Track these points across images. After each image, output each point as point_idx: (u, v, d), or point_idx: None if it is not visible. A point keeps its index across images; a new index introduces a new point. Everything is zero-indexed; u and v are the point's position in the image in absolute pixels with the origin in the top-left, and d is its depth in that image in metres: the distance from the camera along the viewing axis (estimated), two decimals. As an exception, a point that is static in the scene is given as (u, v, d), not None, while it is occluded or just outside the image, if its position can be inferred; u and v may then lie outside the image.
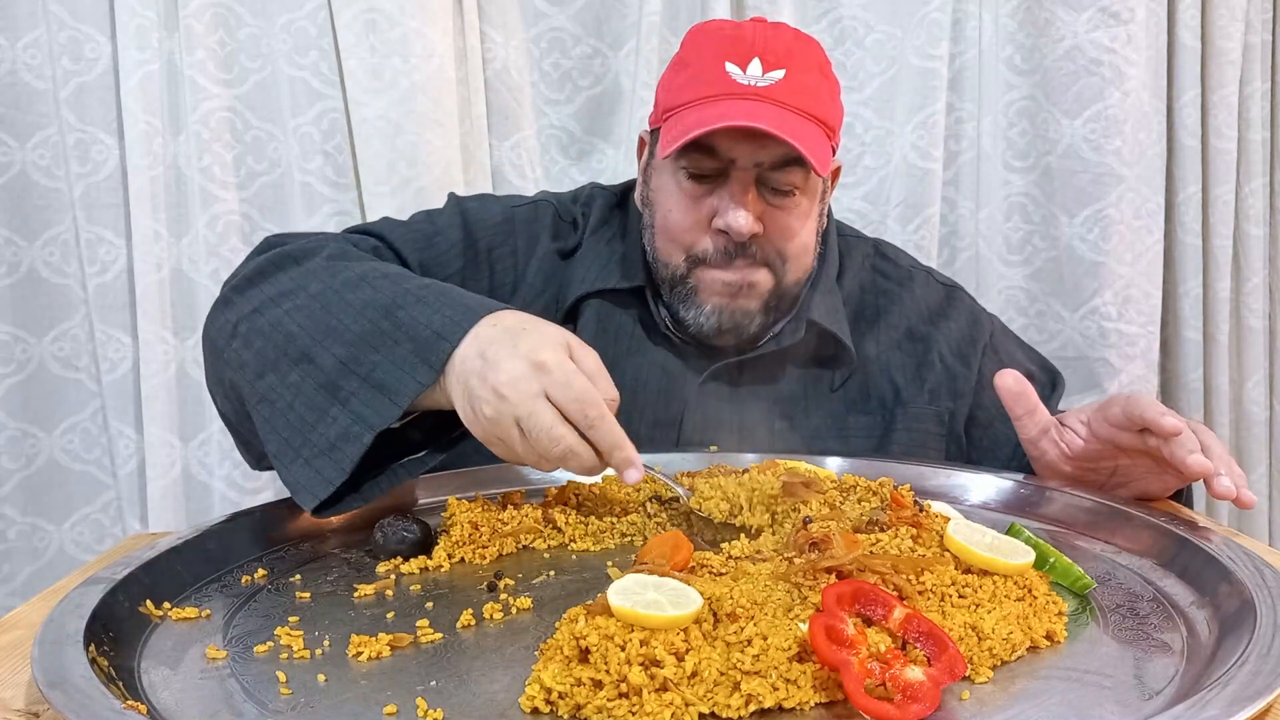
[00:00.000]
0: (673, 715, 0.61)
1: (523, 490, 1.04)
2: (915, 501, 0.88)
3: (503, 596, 0.82)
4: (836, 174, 1.32)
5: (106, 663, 0.69)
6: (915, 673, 0.62)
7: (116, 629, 0.74)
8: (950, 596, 0.73)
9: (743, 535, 0.90)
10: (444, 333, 0.92)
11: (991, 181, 1.90)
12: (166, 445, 1.77)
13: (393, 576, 0.88)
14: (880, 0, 1.84)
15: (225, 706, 0.66)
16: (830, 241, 1.33)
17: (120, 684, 0.67)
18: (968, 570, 0.76)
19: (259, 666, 0.71)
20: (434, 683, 0.68)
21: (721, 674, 0.63)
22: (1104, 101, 1.82)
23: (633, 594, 0.67)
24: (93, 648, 0.69)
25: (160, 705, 0.66)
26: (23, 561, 1.84)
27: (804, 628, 0.65)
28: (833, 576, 0.73)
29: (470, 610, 0.79)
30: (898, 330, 1.32)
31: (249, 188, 1.79)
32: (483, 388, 0.89)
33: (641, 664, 0.63)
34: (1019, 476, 1.08)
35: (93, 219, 1.75)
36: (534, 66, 1.83)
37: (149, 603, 0.80)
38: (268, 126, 1.77)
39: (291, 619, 0.79)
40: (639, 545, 0.95)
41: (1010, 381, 1.08)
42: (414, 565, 0.91)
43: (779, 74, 1.16)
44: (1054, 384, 1.34)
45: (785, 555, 0.80)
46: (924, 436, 1.29)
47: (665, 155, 1.16)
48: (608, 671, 0.63)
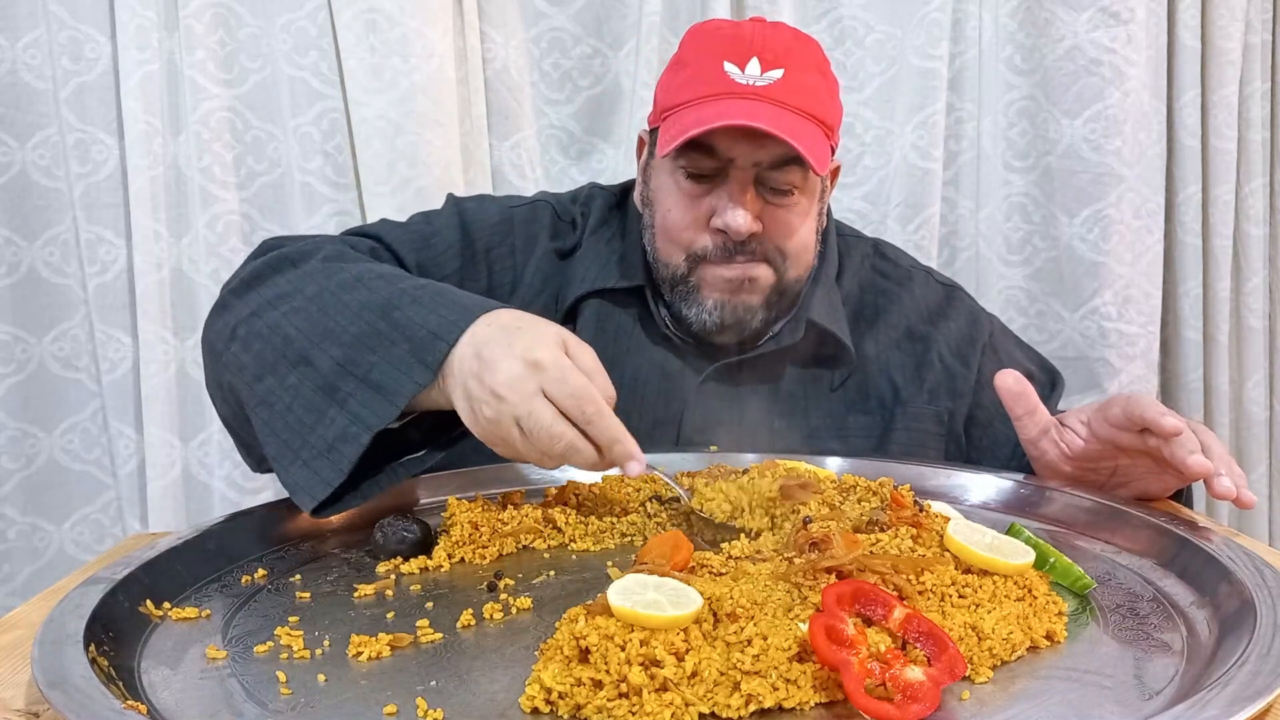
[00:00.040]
0: (673, 715, 0.61)
1: (523, 490, 1.04)
2: (915, 501, 0.88)
3: (503, 596, 0.82)
4: (836, 173, 1.32)
5: (106, 663, 0.69)
6: (915, 673, 0.62)
7: (116, 629, 0.74)
8: (950, 596, 0.73)
9: (743, 535, 0.90)
10: (440, 332, 0.92)
11: (991, 181, 1.90)
12: (166, 445, 1.77)
13: (393, 576, 0.88)
14: (880, 0, 1.84)
15: (225, 706, 0.66)
16: (830, 241, 1.33)
17: (120, 684, 0.67)
18: (968, 570, 0.76)
19: (259, 666, 0.71)
20: (434, 683, 0.68)
21: (721, 674, 0.63)
22: (1104, 101, 1.82)
23: (633, 594, 0.67)
24: (93, 648, 0.69)
25: (160, 705, 0.66)
26: (23, 561, 1.84)
27: (804, 628, 0.65)
28: (833, 576, 0.73)
29: (470, 610, 0.79)
30: (897, 330, 1.32)
31: (249, 188, 1.79)
32: (481, 389, 0.89)
33: (641, 664, 0.63)
34: (1019, 476, 1.08)
35: (93, 219, 1.75)
36: (534, 66, 1.83)
37: (149, 603, 0.80)
38: (268, 126, 1.77)
39: (291, 619, 0.79)
40: (639, 545, 0.95)
41: (1010, 381, 1.07)
42: (414, 565, 0.91)
43: (777, 73, 1.16)
44: (1053, 384, 1.34)
45: (785, 555, 0.80)
46: (923, 436, 1.29)
47: (664, 154, 1.16)
48: (608, 671, 0.63)
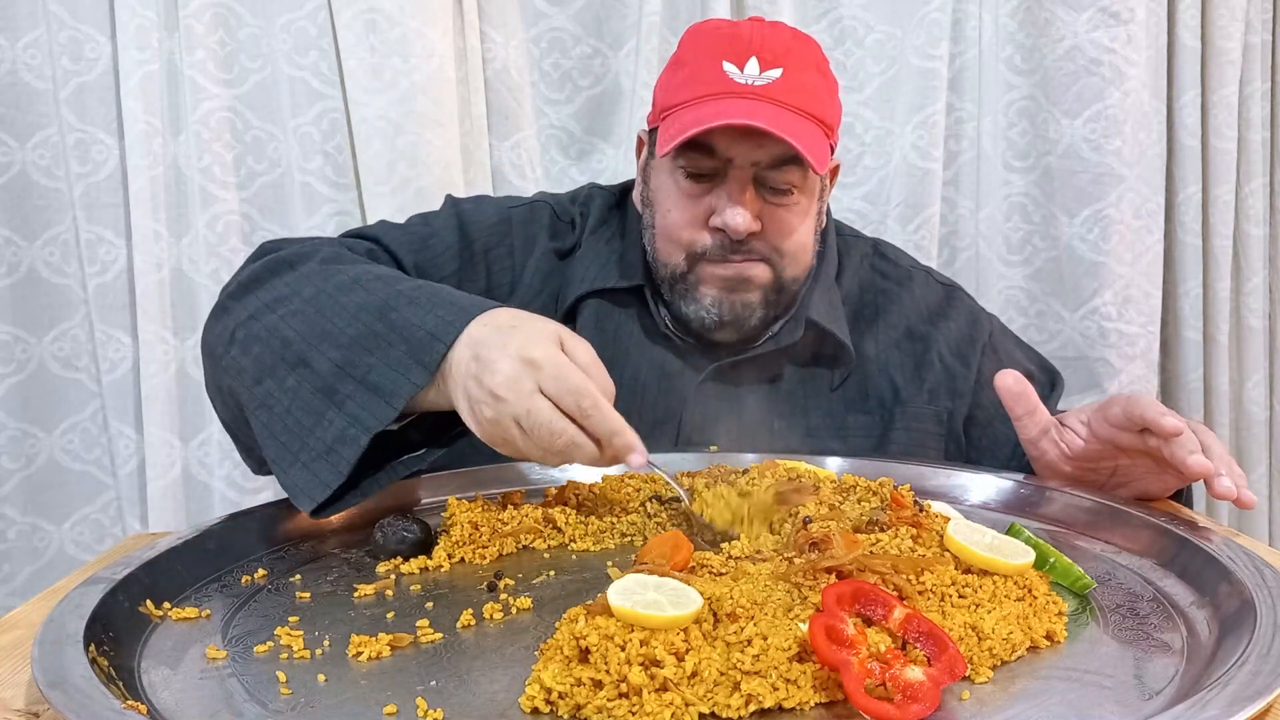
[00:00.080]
0: (673, 715, 0.61)
1: (523, 490, 1.04)
2: (915, 501, 0.88)
3: (503, 596, 0.82)
4: (835, 173, 1.32)
5: (106, 663, 0.69)
6: (915, 673, 0.62)
7: (116, 629, 0.74)
8: (950, 596, 0.73)
9: (743, 535, 0.90)
10: (437, 333, 0.93)
11: (991, 181, 1.90)
12: (166, 445, 1.77)
13: (393, 576, 0.88)
14: (880, 0, 1.84)
15: (225, 706, 0.66)
16: (829, 241, 1.33)
17: (120, 684, 0.67)
18: (968, 570, 0.76)
19: (259, 666, 0.71)
20: (434, 683, 0.68)
21: (721, 674, 0.63)
22: (1104, 101, 1.82)
23: (633, 594, 0.67)
24: (93, 648, 0.69)
25: (160, 705, 0.66)
26: (23, 561, 1.84)
27: (804, 628, 0.65)
28: (833, 576, 0.73)
29: (470, 610, 0.79)
30: (897, 330, 1.32)
31: (249, 188, 1.79)
32: (480, 390, 0.89)
33: (641, 664, 0.63)
34: (1019, 476, 1.08)
35: (93, 219, 1.75)
36: (534, 66, 1.83)
37: (149, 603, 0.80)
38: (268, 126, 1.77)
39: (291, 619, 0.79)
40: (639, 545, 0.95)
41: (1010, 381, 1.07)
42: (414, 565, 0.91)
43: (776, 73, 1.15)
44: (1053, 384, 1.34)
45: (785, 555, 0.80)
46: (923, 436, 1.29)
47: (663, 154, 1.16)
48: (608, 671, 0.63)
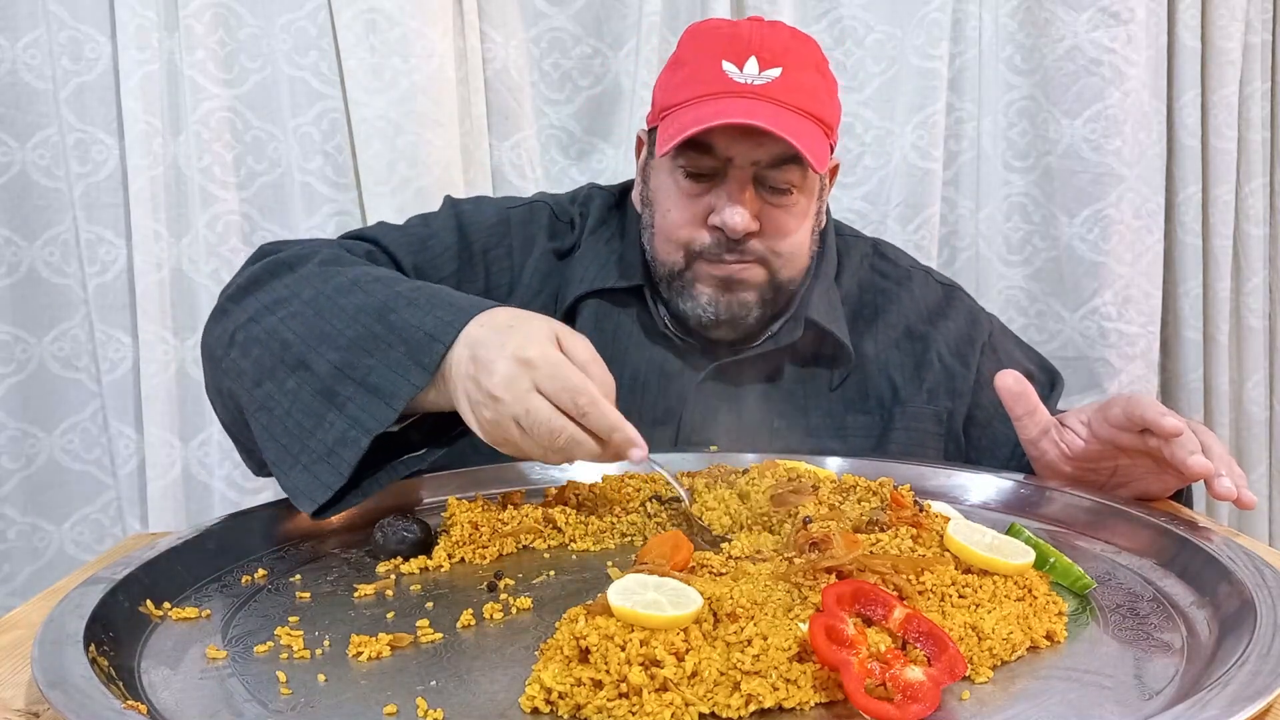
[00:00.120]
0: (673, 715, 0.61)
1: (523, 490, 1.04)
2: (915, 501, 0.88)
3: (503, 596, 0.82)
4: (835, 172, 1.32)
5: (106, 663, 0.69)
6: (915, 673, 0.62)
7: (116, 629, 0.74)
8: (950, 596, 0.73)
9: (743, 535, 0.90)
10: (436, 334, 0.93)
11: (991, 181, 1.90)
12: (166, 445, 1.77)
13: (393, 576, 0.88)
14: (880, 0, 1.84)
15: (225, 706, 0.66)
16: (829, 241, 1.33)
17: (120, 684, 0.67)
18: (968, 570, 0.76)
19: (259, 666, 0.71)
20: (434, 683, 0.68)
21: (721, 674, 0.63)
22: (1104, 101, 1.82)
23: (633, 594, 0.67)
24: (93, 648, 0.69)
25: (160, 705, 0.66)
26: (23, 561, 1.84)
27: (804, 628, 0.65)
28: (833, 576, 0.73)
29: (470, 610, 0.79)
30: (896, 329, 1.32)
31: (249, 188, 1.79)
32: (478, 392, 0.90)
33: (641, 664, 0.63)
34: (1019, 476, 1.08)
35: (93, 219, 1.75)
36: (534, 66, 1.83)
37: (149, 603, 0.80)
38: (268, 126, 1.77)
39: (291, 619, 0.79)
40: (639, 545, 0.95)
41: (1010, 382, 1.07)
42: (414, 565, 0.91)
43: (775, 72, 1.15)
44: (1053, 384, 1.34)
45: (785, 555, 0.80)
46: (922, 436, 1.29)
47: (662, 153, 1.16)
48: (608, 671, 0.63)
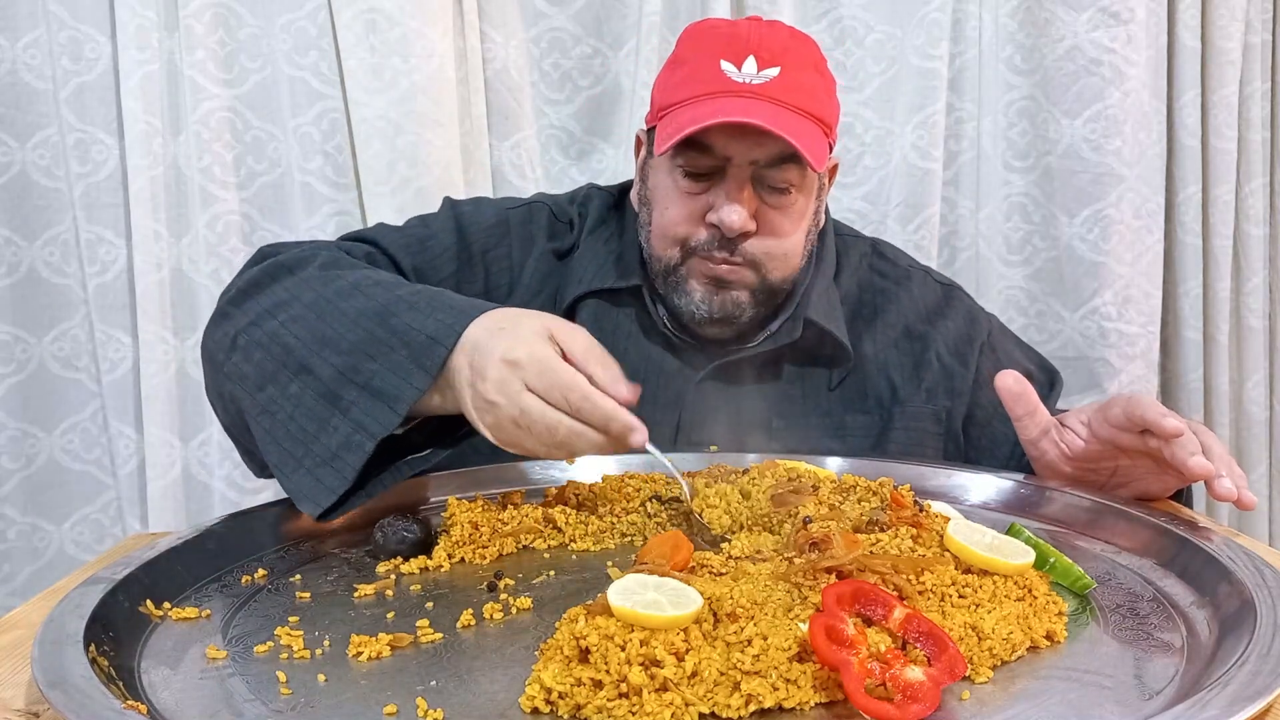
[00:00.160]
0: (673, 715, 0.61)
1: (523, 490, 1.04)
2: (915, 501, 0.88)
3: (503, 596, 0.82)
4: (834, 172, 1.31)
5: (106, 663, 0.69)
6: (915, 673, 0.62)
7: (116, 629, 0.74)
8: (950, 596, 0.73)
9: (743, 535, 0.90)
10: (438, 336, 0.93)
11: (991, 181, 1.90)
12: (166, 445, 1.77)
13: (393, 576, 0.89)
14: (880, 0, 1.84)
15: (225, 706, 0.66)
16: (828, 240, 1.33)
17: (120, 684, 0.67)
18: (968, 570, 0.76)
19: (259, 666, 0.71)
20: (434, 683, 0.68)
21: (721, 674, 0.63)
22: (1104, 101, 1.82)
23: (633, 594, 0.67)
24: (93, 648, 0.69)
25: (160, 705, 0.66)
26: (23, 561, 1.84)
27: (804, 628, 0.65)
28: (833, 576, 0.73)
29: (470, 610, 0.79)
30: (895, 329, 1.32)
31: (249, 188, 1.79)
32: (477, 397, 0.90)
33: (641, 664, 0.63)
34: (1019, 476, 1.08)
35: (93, 219, 1.75)
36: (534, 66, 1.83)
37: (149, 603, 0.80)
38: (268, 126, 1.77)
39: (291, 619, 0.79)
40: (639, 545, 0.95)
41: (1010, 382, 1.07)
42: (414, 565, 0.91)
43: (774, 71, 1.15)
44: (1052, 383, 1.34)
45: (785, 555, 0.80)
46: (921, 435, 1.29)
47: (661, 152, 1.16)
48: (608, 671, 0.63)
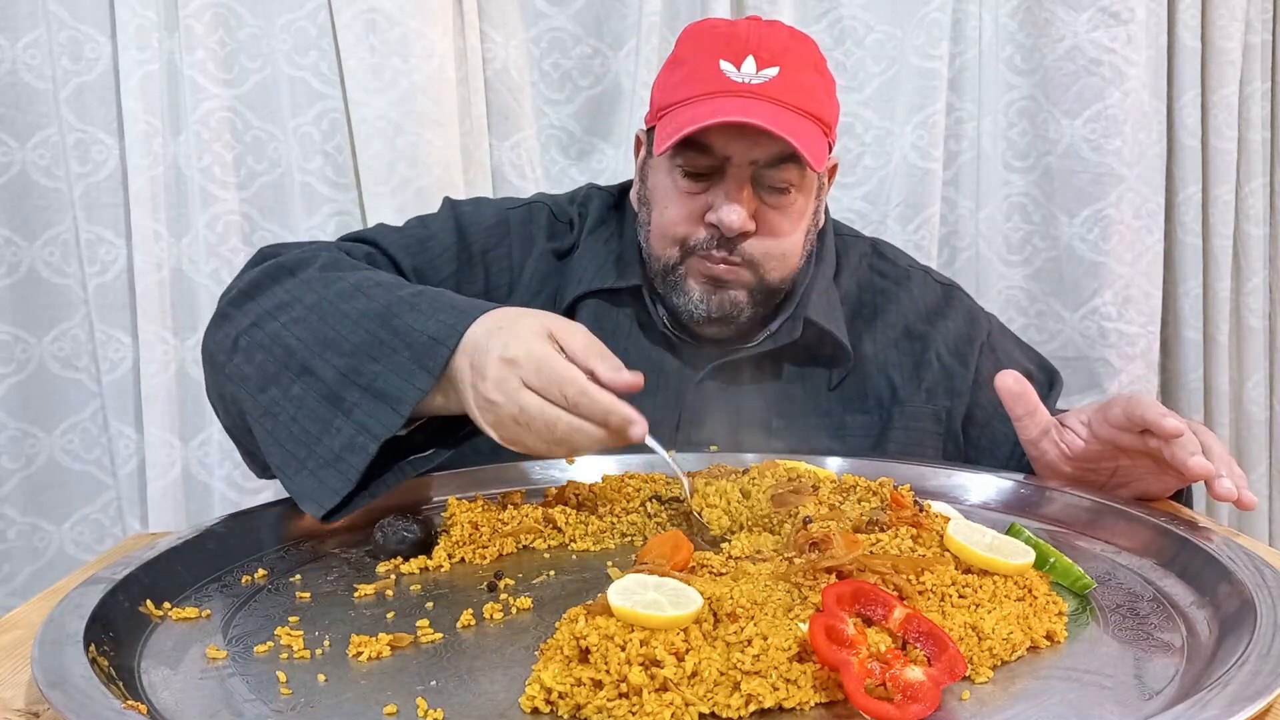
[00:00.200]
0: (673, 715, 0.61)
1: (523, 490, 1.04)
2: (915, 501, 0.88)
3: (503, 596, 0.82)
4: (833, 172, 1.31)
5: (106, 663, 0.69)
6: (915, 673, 0.62)
7: (116, 629, 0.74)
8: (950, 596, 0.73)
9: (743, 535, 0.90)
10: (440, 337, 0.93)
11: (991, 181, 1.90)
12: (166, 445, 1.77)
13: (393, 576, 0.89)
14: (880, 0, 1.84)
15: (225, 706, 0.66)
16: (827, 240, 1.33)
17: (120, 684, 0.67)
18: (968, 570, 0.76)
19: (259, 666, 0.71)
20: (434, 683, 0.68)
21: (721, 674, 0.63)
22: (1104, 101, 1.82)
23: (633, 594, 0.67)
24: (93, 648, 0.69)
25: (160, 705, 0.66)
26: (23, 561, 1.84)
27: (804, 628, 0.65)
28: (833, 576, 0.73)
29: (470, 610, 0.79)
30: (895, 329, 1.32)
31: (249, 188, 1.79)
32: (478, 397, 0.91)
33: (641, 664, 0.63)
34: (1019, 476, 1.08)
35: (93, 219, 1.75)
36: (534, 66, 1.83)
37: (149, 603, 0.80)
38: (268, 126, 1.77)
39: (291, 619, 0.79)
40: (639, 545, 0.95)
41: (1010, 382, 1.07)
42: (414, 565, 0.91)
43: (773, 71, 1.15)
44: (1052, 383, 1.33)
45: (785, 555, 0.80)
46: (921, 435, 1.29)
47: (660, 152, 1.16)
48: (608, 671, 0.63)
